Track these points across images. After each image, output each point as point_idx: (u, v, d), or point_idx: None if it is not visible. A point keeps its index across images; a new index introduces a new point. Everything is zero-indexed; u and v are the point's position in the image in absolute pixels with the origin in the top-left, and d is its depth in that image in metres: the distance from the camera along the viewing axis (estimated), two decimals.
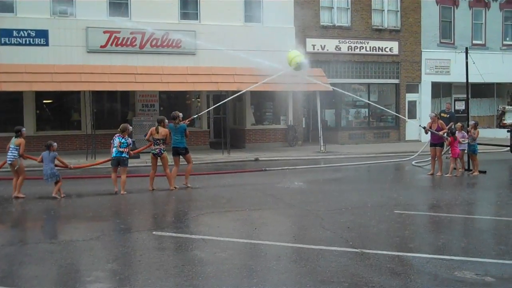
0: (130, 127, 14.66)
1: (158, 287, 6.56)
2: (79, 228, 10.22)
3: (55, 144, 13.51)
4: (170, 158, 14.61)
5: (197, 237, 9.06)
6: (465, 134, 17.08)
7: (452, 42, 30.50)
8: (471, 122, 17.67)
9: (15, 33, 22.14)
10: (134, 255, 8.04)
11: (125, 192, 13.62)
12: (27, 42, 22.32)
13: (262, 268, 7.34)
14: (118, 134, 14.04)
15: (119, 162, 13.85)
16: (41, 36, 22.47)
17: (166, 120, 14.66)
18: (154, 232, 9.43)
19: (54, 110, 24.45)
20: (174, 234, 9.32)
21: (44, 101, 24.06)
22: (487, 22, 31.46)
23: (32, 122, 22.99)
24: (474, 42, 30.75)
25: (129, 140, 14.04)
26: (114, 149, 13.89)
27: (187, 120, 15.44)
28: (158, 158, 14.34)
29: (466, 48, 19.11)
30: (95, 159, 19.78)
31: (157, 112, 24.11)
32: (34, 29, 22.35)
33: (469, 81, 18.82)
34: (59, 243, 8.78)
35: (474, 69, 18.78)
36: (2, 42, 22.02)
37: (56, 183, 13.23)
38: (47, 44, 22.53)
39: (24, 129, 13.70)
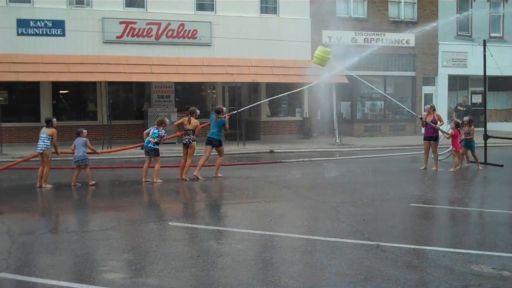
0: (167, 120, 15.03)
1: (174, 277, 6.59)
2: (96, 218, 10.30)
3: (85, 130, 14.10)
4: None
5: (212, 228, 9.08)
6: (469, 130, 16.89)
7: (470, 34, 30.09)
8: (465, 118, 17.39)
9: (32, 24, 22.19)
10: (150, 245, 8.07)
11: (159, 181, 13.94)
12: (44, 33, 22.36)
13: (277, 260, 7.34)
14: (155, 126, 14.39)
15: (148, 152, 14.20)
16: (58, 27, 22.51)
17: (198, 111, 14.93)
18: (170, 223, 9.46)
19: (71, 101, 24.59)
20: (189, 225, 9.35)
21: (61, 92, 24.16)
22: (505, 14, 31.01)
23: (49, 112, 23.02)
24: (492, 34, 30.27)
25: (162, 132, 14.24)
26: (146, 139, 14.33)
27: (227, 115, 15.54)
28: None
29: (484, 41, 18.85)
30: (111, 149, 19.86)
31: (173, 103, 24.18)
32: (51, 19, 22.36)
33: (487, 74, 18.62)
34: (76, 233, 8.83)
35: (491, 62, 18.54)
36: (19, 32, 22.08)
37: (84, 168, 13.55)
38: (63, 35, 22.56)
39: (54, 119, 13.86)
